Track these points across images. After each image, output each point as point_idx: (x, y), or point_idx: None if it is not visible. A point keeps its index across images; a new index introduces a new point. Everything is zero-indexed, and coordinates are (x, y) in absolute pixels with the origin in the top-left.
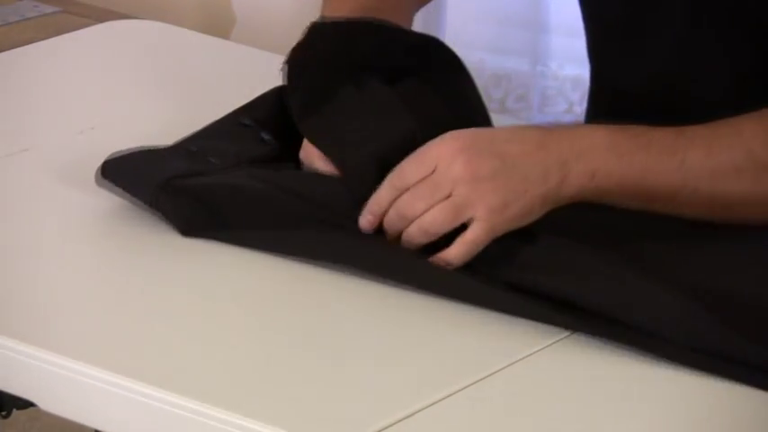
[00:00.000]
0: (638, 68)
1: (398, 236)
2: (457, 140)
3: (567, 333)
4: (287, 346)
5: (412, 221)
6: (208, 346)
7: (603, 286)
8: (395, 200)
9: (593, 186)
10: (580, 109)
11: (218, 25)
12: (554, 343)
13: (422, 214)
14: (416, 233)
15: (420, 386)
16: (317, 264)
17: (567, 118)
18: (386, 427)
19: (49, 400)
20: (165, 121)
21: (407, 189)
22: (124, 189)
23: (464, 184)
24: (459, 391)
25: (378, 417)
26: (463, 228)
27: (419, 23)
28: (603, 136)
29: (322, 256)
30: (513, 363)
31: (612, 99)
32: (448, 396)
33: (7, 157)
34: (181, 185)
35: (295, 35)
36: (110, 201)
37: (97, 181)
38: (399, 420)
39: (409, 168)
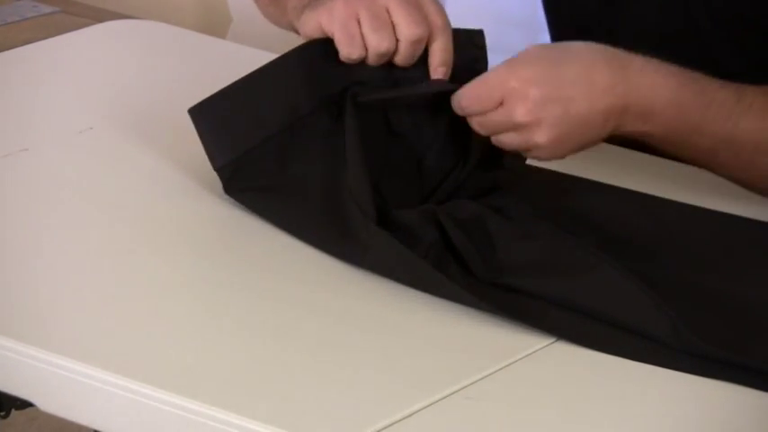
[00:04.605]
0: None
1: None
2: (527, 83)
3: None
4: (287, 346)
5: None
6: (207, 347)
7: (598, 294)
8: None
9: (642, 131)
10: None
11: (215, 25)
12: (552, 343)
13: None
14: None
15: (418, 386)
16: (316, 264)
17: None
18: (384, 428)
19: (47, 400)
20: (164, 120)
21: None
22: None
23: (525, 130)
24: (458, 391)
25: (376, 417)
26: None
27: None
28: (671, 90)
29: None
30: (511, 363)
31: None
32: (446, 396)
33: (6, 156)
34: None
35: (290, 36)
36: (109, 200)
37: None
38: (398, 421)
39: (474, 94)
